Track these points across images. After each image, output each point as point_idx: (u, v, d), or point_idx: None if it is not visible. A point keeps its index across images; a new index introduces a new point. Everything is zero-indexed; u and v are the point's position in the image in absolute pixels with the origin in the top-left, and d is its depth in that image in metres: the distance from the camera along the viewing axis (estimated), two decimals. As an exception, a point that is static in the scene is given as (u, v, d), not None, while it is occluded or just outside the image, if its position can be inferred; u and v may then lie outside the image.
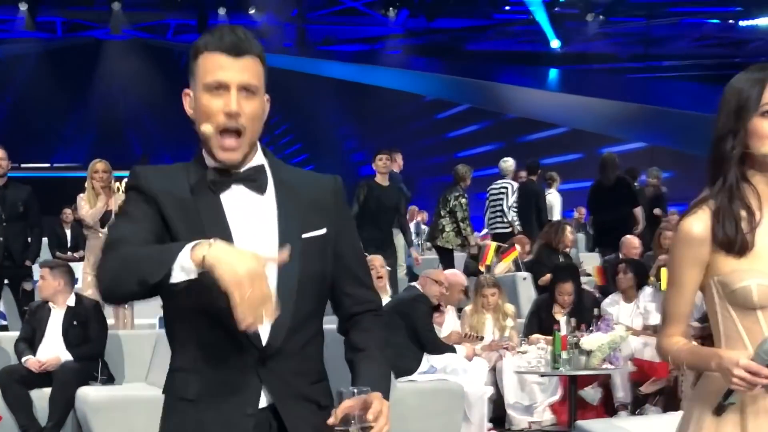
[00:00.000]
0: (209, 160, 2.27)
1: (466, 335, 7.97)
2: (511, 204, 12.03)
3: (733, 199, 2.43)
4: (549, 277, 9.14)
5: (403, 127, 22.12)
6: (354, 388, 2.14)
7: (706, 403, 2.46)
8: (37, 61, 23.64)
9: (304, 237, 2.25)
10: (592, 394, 7.93)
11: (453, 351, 7.44)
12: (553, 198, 14.08)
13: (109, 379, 7.38)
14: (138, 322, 8.83)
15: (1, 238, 8.78)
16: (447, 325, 8.18)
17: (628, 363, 7.66)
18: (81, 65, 23.01)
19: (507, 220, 12.04)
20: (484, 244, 11.31)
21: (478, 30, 22.97)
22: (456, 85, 22.28)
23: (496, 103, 21.62)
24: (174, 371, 2.30)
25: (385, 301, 7.47)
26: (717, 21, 22.01)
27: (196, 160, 2.30)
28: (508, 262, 10.63)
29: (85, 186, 8.72)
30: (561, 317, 8.16)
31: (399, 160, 11.41)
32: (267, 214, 2.27)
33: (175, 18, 22.60)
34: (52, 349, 7.30)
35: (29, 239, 9.12)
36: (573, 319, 7.47)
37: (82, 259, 9.39)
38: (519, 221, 12.03)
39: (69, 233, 13.34)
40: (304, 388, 2.27)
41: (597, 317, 7.46)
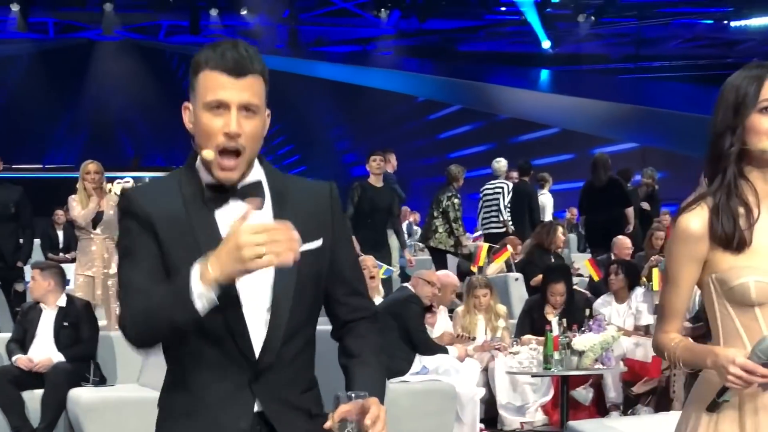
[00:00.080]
0: (204, 174, 2.26)
1: (458, 336, 7.96)
2: (506, 204, 12.05)
3: (731, 195, 2.43)
4: (541, 277, 9.14)
5: (396, 128, 22.12)
6: (351, 392, 2.13)
7: (704, 404, 2.46)
8: (29, 61, 23.60)
9: (301, 251, 2.24)
10: (583, 394, 7.93)
11: (445, 352, 7.43)
12: (545, 198, 14.09)
13: (101, 381, 7.36)
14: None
15: (-8, 239, 8.79)
16: (439, 325, 8.16)
17: (620, 363, 7.66)
18: (73, 66, 22.97)
19: (502, 219, 12.05)
20: (476, 246, 11.30)
21: (469, 31, 22.95)
22: (448, 86, 22.25)
23: (488, 103, 21.61)
24: (168, 387, 2.31)
25: (377, 301, 7.47)
26: (708, 21, 22.01)
27: (189, 168, 2.29)
28: (500, 263, 10.63)
29: (77, 187, 8.69)
30: (553, 318, 8.14)
31: (393, 160, 11.40)
32: None
33: (167, 19, 22.54)
34: (44, 350, 7.28)
35: (21, 240, 9.10)
36: (565, 320, 7.48)
37: (74, 260, 9.35)
38: (511, 222, 12.04)
39: (61, 234, 13.32)
40: (294, 398, 2.27)
41: (589, 317, 7.47)
